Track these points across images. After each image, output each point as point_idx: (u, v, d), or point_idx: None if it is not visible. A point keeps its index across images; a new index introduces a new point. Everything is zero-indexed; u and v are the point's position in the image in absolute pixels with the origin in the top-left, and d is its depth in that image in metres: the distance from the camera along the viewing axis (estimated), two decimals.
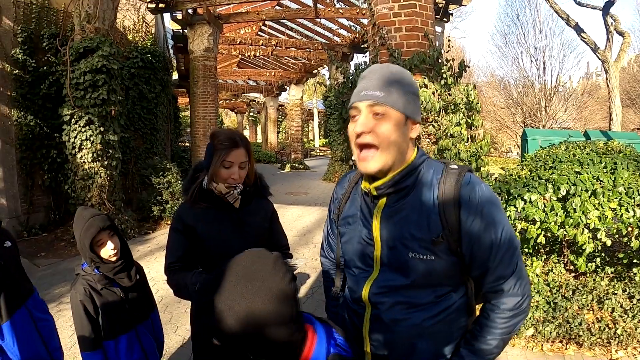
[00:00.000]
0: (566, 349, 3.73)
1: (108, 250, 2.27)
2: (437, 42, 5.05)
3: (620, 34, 16.94)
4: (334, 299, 1.80)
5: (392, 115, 1.38)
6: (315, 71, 21.23)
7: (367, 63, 4.69)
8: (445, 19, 9.85)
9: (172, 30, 12.37)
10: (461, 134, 3.96)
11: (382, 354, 1.52)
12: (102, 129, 7.16)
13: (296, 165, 20.83)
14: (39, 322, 2.60)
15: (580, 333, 3.69)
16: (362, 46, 14.97)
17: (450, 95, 4.11)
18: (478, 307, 1.55)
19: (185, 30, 11.64)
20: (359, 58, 28.34)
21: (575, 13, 68.89)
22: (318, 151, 33.37)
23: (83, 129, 7.05)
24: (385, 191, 1.45)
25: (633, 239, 3.63)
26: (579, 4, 18.48)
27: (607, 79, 17.41)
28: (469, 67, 4.46)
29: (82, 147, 7.09)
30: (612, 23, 17.09)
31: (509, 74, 27.31)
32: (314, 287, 5.48)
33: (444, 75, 4.13)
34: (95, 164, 7.18)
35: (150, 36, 10.45)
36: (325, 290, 1.93)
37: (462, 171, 1.44)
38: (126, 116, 8.62)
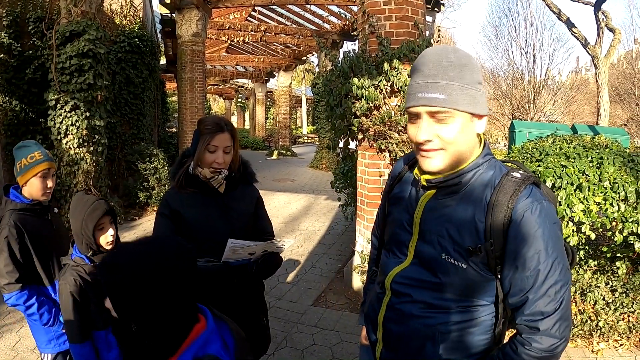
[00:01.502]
0: None
1: (108, 237, 2.30)
2: (428, 32, 5.03)
3: (611, 30, 16.98)
4: (371, 279, 1.80)
5: (457, 116, 1.25)
6: (304, 58, 21.11)
7: (356, 51, 4.66)
8: (436, 9, 9.85)
9: (161, 14, 12.21)
10: None
11: (392, 342, 1.49)
12: (88, 114, 7.05)
13: (284, 152, 20.79)
14: None
15: None
16: (352, 34, 14.87)
17: None
18: (509, 333, 1.40)
19: (174, 15, 11.48)
20: (348, 46, 28.21)
21: (567, 8, 69.06)
22: (306, 138, 33.31)
23: (69, 114, 6.93)
24: (436, 185, 1.35)
25: (617, 233, 3.67)
26: None
27: (596, 74, 17.49)
28: None
29: (68, 132, 6.98)
30: (603, 19, 17.13)
31: (498, 65, 27.45)
32: (299, 275, 5.50)
33: None
34: (81, 149, 7.08)
35: (138, 20, 10.27)
36: (368, 269, 1.87)
37: (526, 181, 1.29)
38: (112, 101, 8.49)
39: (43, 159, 2.51)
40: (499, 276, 1.30)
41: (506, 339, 1.40)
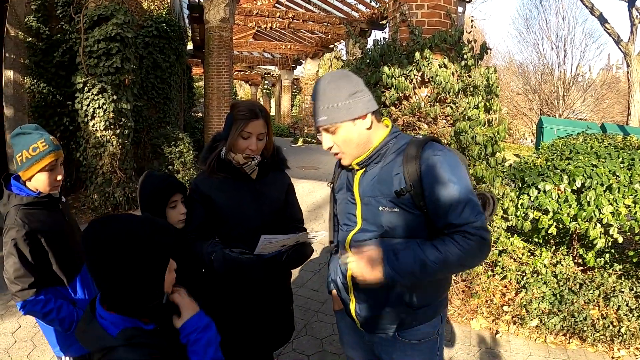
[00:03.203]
0: (569, 343, 3.71)
1: (178, 215, 2.18)
2: (459, 22, 4.92)
3: None
4: (332, 254, 2.11)
5: (341, 127, 1.68)
6: (331, 46, 20.97)
7: (387, 39, 4.58)
8: (467, 0, 9.65)
9: (188, 0, 12.23)
10: (479, 117, 3.87)
11: (363, 296, 1.80)
12: (115, 97, 7.13)
13: (309, 139, 20.72)
14: None
15: (585, 328, 3.66)
16: (381, 23, 14.71)
17: (469, 77, 3.99)
18: None
19: (201, 0, 11.49)
20: (377, 35, 27.94)
21: (600, 2, 66.80)
22: None
23: (96, 97, 7.02)
24: (363, 164, 1.76)
25: None
26: None
27: (628, 72, 17.01)
28: (490, 50, 4.34)
29: (95, 115, 7.08)
30: (637, 16, 16.62)
31: (528, 59, 26.80)
32: (321, 263, 5.48)
33: (465, 57, 4.01)
34: (107, 132, 7.17)
35: (166, 5, 10.31)
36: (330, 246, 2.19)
37: (427, 139, 1.71)
38: (139, 85, 8.57)
39: (48, 149, 2.14)
40: (425, 210, 1.65)
41: None
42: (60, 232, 2.25)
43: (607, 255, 4.06)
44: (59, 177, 2.24)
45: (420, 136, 1.76)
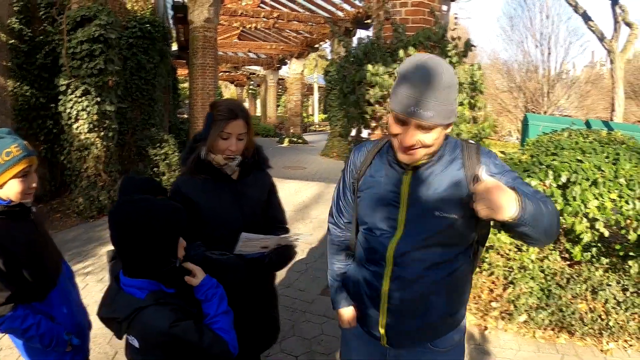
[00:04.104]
0: (558, 337, 3.74)
1: None
2: (444, 20, 4.94)
3: (628, 24, 16.71)
4: (342, 263, 1.98)
5: (438, 128, 1.50)
6: (317, 45, 20.97)
7: (371, 38, 4.59)
8: None
9: (172, 0, 12.15)
10: (464, 114, 3.88)
11: (399, 310, 1.68)
12: (98, 99, 7.05)
13: (295, 139, 20.70)
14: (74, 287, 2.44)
15: (573, 322, 3.69)
16: (366, 22, 14.70)
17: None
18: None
19: (186, 0, 11.42)
20: (362, 34, 27.98)
21: (584, 0, 67.86)
22: (317, 126, 33.16)
23: (79, 100, 6.94)
24: (421, 165, 1.61)
25: (631, 231, 3.60)
26: None
27: (611, 69, 17.24)
28: (474, 47, 4.36)
29: (79, 117, 7.00)
30: (620, 13, 16.85)
31: (512, 57, 27.04)
32: (308, 263, 5.48)
33: (449, 54, 4.04)
34: (91, 134, 7.09)
35: (150, 5, 10.22)
36: (332, 256, 2.03)
37: (477, 144, 1.68)
38: (123, 86, 8.49)
39: (22, 154, 1.99)
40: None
41: None
42: (33, 244, 2.11)
43: (594, 249, 4.08)
44: (34, 185, 2.10)
45: (462, 139, 1.71)
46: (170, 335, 1.53)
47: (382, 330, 1.73)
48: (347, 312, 1.94)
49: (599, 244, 4.11)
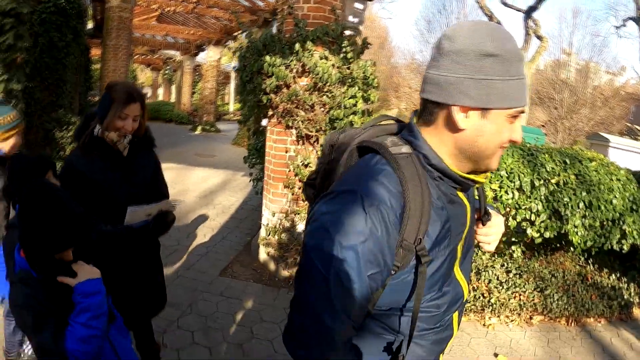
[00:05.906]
0: None
1: None
2: (358, 19, 5.29)
3: (539, 37, 18.33)
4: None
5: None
6: (235, 34, 20.84)
7: (275, 32, 4.86)
8: None
9: None
10: (355, 105, 4.32)
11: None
12: (5, 77, 6.85)
13: (207, 127, 20.48)
14: None
15: None
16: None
17: (348, 69, 4.40)
18: None
19: None
20: None
21: (499, 12, 71.95)
22: (232, 115, 32.71)
23: None
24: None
25: (510, 219, 4.08)
26: (504, 4, 20.01)
27: None
28: (371, 45, 4.72)
29: None
30: (532, 26, 18.44)
31: (427, 58, 28.20)
32: (209, 247, 5.67)
33: (345, 50, 4.38)
34: None
35: None
36: None
37: None
38: (32, 65, 8.23)
39: (19, 119, 2.65)
40: None
41: None
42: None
43: None
44: (20, 142, 2.67)
45: None
46: (16, 313, 1.72)
47: None
48: None
49: None
